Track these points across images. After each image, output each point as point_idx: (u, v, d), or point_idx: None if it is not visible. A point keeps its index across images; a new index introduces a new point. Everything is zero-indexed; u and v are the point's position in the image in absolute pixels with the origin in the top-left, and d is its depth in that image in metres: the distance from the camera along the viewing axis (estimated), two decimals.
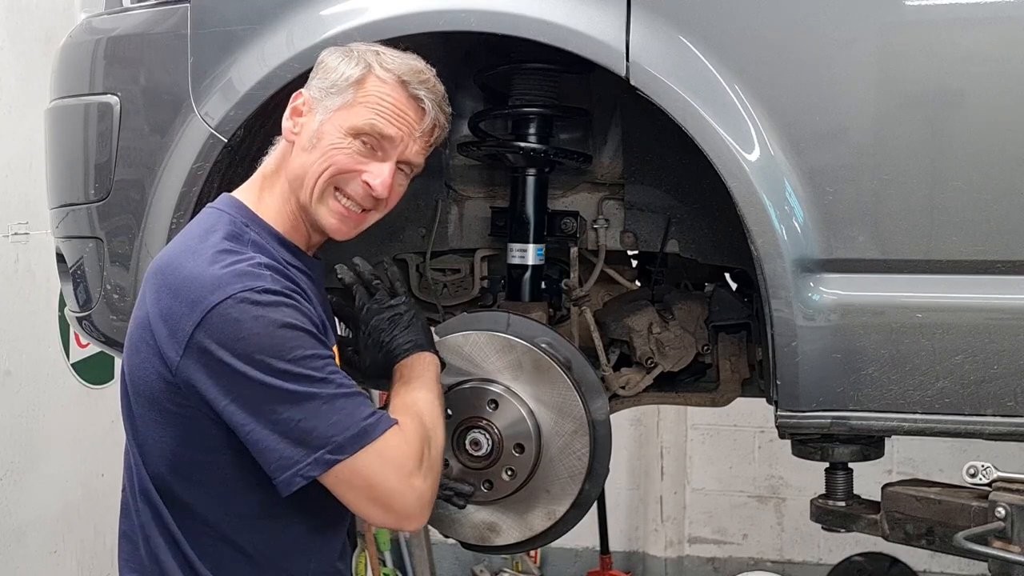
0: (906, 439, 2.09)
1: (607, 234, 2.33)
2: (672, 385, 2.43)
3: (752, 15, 1.83)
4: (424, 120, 1.74)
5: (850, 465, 2.14)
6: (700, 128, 1.82)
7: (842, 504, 2.13)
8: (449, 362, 2.02)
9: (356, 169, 1.71)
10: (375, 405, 1.64)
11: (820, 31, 1.82)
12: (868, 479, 2.35)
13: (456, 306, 2.44)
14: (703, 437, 4.95)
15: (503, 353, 2.02)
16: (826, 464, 2.15)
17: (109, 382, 4.01)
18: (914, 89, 1.80)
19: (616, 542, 4.83)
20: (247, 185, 1.81)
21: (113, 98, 2.10)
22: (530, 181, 2.25)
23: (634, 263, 2.54)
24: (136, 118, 2.08)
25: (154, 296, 1.63)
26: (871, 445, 2.10)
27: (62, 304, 3.00)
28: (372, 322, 1.86)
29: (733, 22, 1.84)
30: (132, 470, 1.71)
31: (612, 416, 2.12)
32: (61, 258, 2.32)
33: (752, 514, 4.94)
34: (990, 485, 1.88)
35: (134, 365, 1.67)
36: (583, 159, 2.29)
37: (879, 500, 2.05)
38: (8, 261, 3.53)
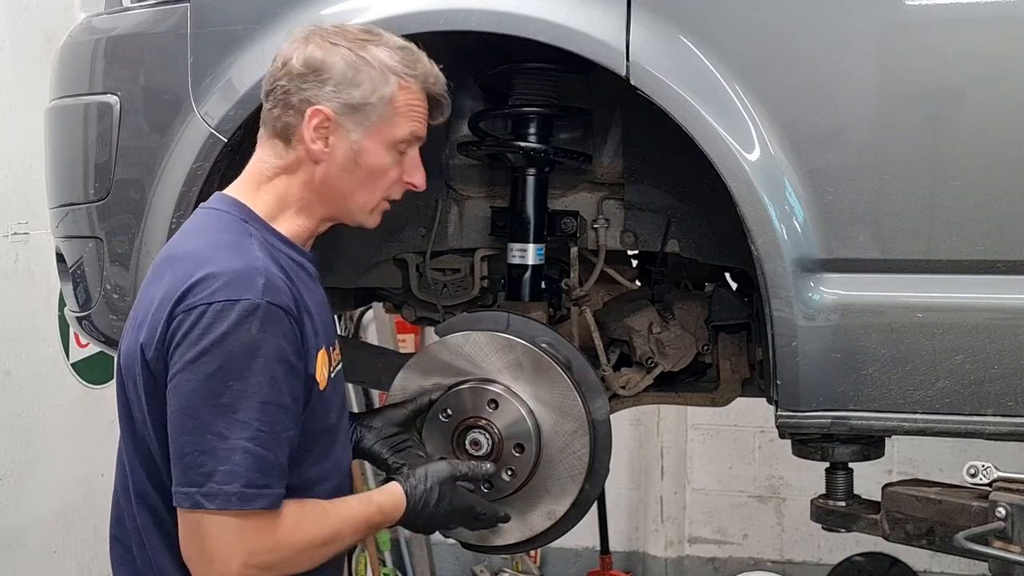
0: (906, 439, 2.09)
1: (607, 234, 2.33)
2: (672, 385, 2.43)
3: (752, 15, 1.83)
4: (441, 111, 1.81)
5: (850, 465, 2.14)
6: (700, 128, 1.82)
7: (842, 504, 2.13)
8: (449, 362, 2.03)
9: (399, 178, 1.78)
10: (276, 482, 1.58)
11: (820, 31, 1.82)
12: (868, 479, 2.35)
13: (456, 306, 2.44)
14: (703, 437, 4.95)
15: (503, 353, 2.02)
16: (826, 464, 2.15)
17: (109, 382, 4.00)
18: (914, 89, 1.80)
19: (616, 542, 4.83)
20: (240, 184, 1.78)
21: (113, 98, 2.10)
22: (530, 181, 2.25)
23: (634, 263, 2.54)
24: (136, 118, 2.08)
25: (145, 291, 1.65)
26: (871, 445, 2.10)
27: (62, 304, 3.00)
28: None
29: (733, 22, 1.84)
30: (127, 473, 1.70)
31: (612, 416, 2.12)
32: (61, 258, 2.32)
33: (752, 514, 4.94)
34: (990, 485, 1.88)
35: (126, 364, 1.67)
36: (583, 159, 2.29)
37: (879, 500, 2.05)
38: (8, 261, 3.53)
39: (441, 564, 5.12)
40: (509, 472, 2.01)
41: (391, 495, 1.81)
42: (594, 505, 2.27)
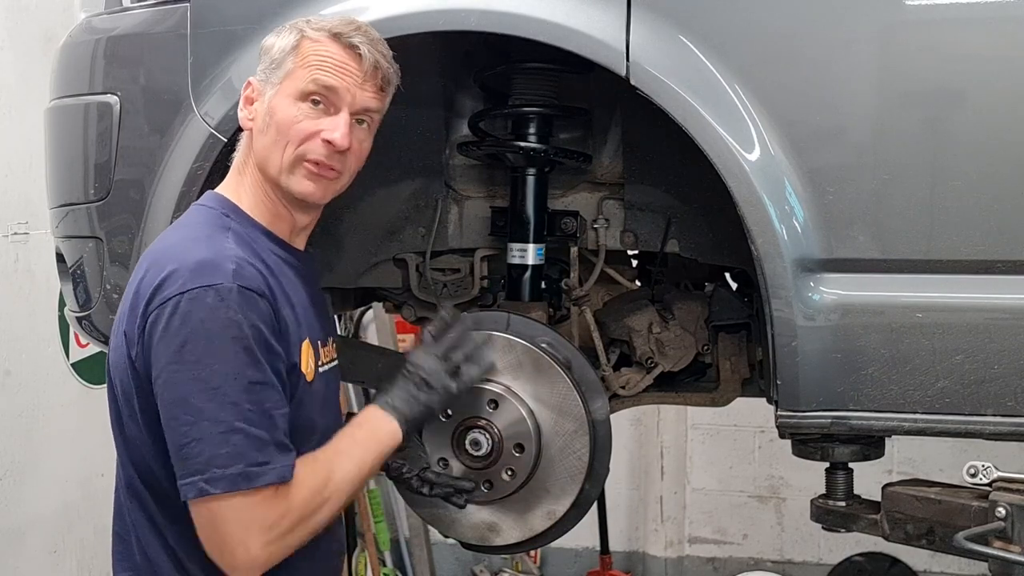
0: (906, 439, 2.09)
1: (607, 234, 2.33)
2: (672, 385, 2.43)
3: (752, 15, 1.83)
4: (364, 64, 1.73)
5: (850, 465, 2.14)
6: (700, 128, 1.82)
7: (842, 504, 2.13)
8: None
9: (314, 131, 1.71)
10: (276, 456, 1.58)
11: (820, 31, 1.82)
12: (868, 479, 2.35)
13: (456, 306, 2.43)
14: (703, 437, 4.95)
15: (503, 353, 2.02)
16: (826, 464, 2.15)
17: None
18: (914, 89, 1.80)
19: (616, 542, 4.83)
20: (226, 181, 1.82)
21: (113, 98, 2.10)
22: (530, 181, 2.25)
23: (634, 263, 2.54)
24: (136, 118, 2.08)
25: (128, 287, 1.67)
26: (871, 445, 2.10)
27: (62, 304, 3.00)
28: (413, 360, 1.85)
29: (733, 22, 1.84)
30: (120, 468, 1.72)
31: (612, 416, 2.12)
32: (61, 258, 2.32)
33: (752, 514, 4.94)
34: (990, 485, 1.88)
35: (113, 361, 1.69)
36: (583, 159, 2.29)
37: (879, 500, 2.04)
38: (8, 261, 3.53)
39: (441, 564, 5.13)
40: (509, 472, 2.01)
41: (365, 415, 1.80)
42: (594, 505, 2.27)
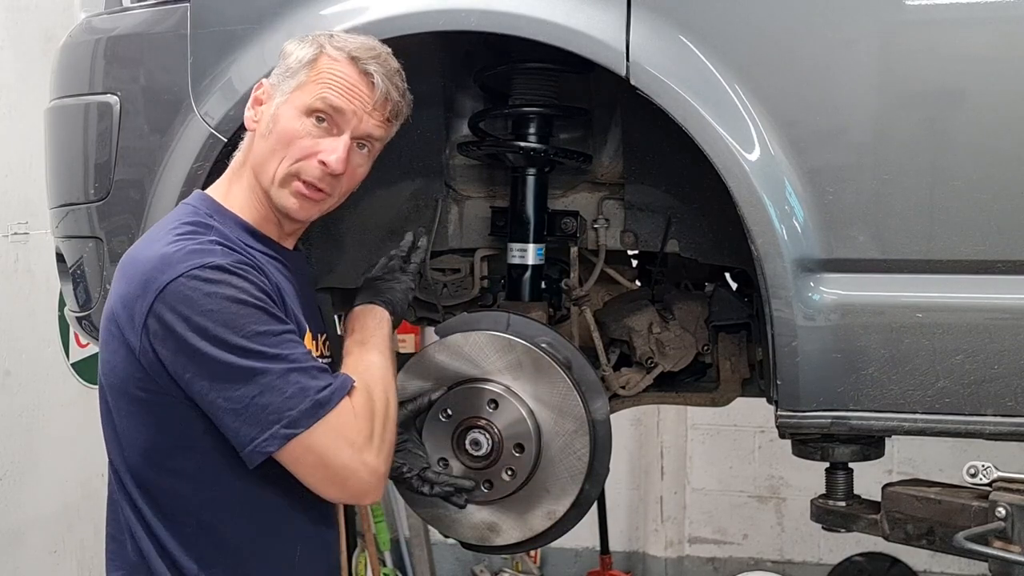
0: (906, 439, 2.09)
1: (607, 234, 2.33)
2: (672, 385, 2.43)
3: (752, 15, 1.83)
4: (375, 92, 1.74)
5: (850, 465, 2.14)
6: (700, 128, 1.82)
7: (842, 504, 2.13)
8: (449, 362, 2.03)
9: (313, 151, 1.72)
10: (331, 377, 1.65)
11: (820, 31, 1.82)
12: (868, 479, 2.35)
13: (456, 306, 2.44)
14: (703, 437, 4.95)
15: (503, 353, 2.02)
16: (826, 464, 2.15)
17: None
18: (914, 89, 1.80)
19: (616, 542, 4.83)
20: (218, 180, 1.83)
21: (113, 98, 2.10)
22: (530, 181, 2.25)
23: (634, 263, 2.54)
24: (136, 118, 2.08)
25: (114, 286, 1.68)
26: (871, 445, 2.10)
27: (62, 304, 3.00)
28: (378, 264, 2.04)
29: (733, 22, 1.84)
30: (112, 469, 1.73)
31: (612, 416, 2.12)
32: (61, 258, 2.32)
33: (752, 514, 4.94)
34: (990, 485, 1.88)
35: (104, 360, 1.70)
36: (583, 159, 2.29)
37: (879, 500, 2.04)
38: (8, 261, 3.54)
39: (441, 564, 5.13)
40: (509, 472, 2.01)
41: (349, 321, 1.90)
42: (594, 505, 2.27)
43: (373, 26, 1.88)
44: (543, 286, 2.33)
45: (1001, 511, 1.80)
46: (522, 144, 2.21)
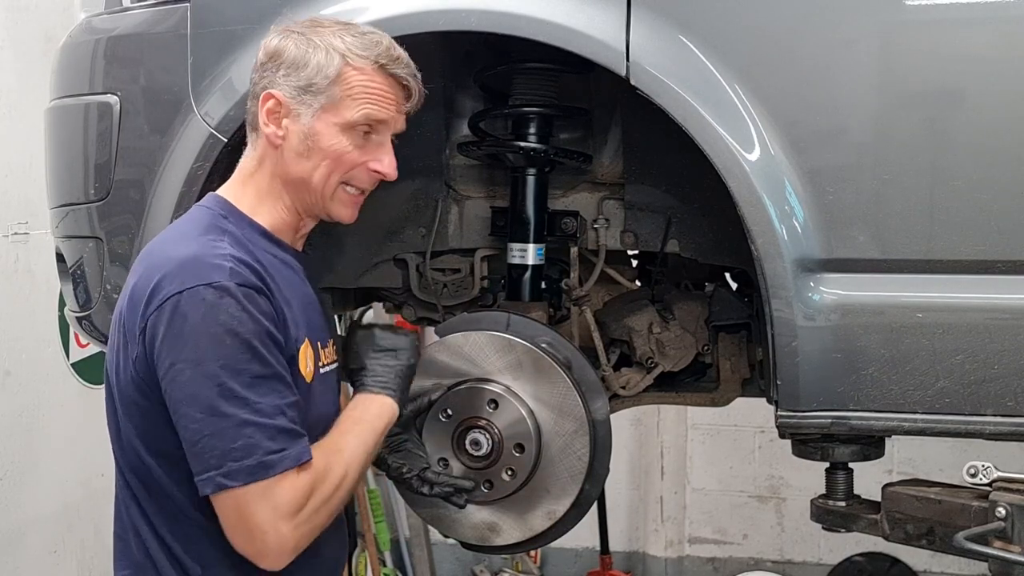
0: (906, 439, 2.09)
1: (607, 234, 2.33)
2: (672, 385, 2.43)
3: (752, 15, 1.83)
4: (411, 96, 1.77)
5: (850, 465, 2.14)
6: (700, 128, 1.82)
7: (842, 504, 2.13)
8: (449, 362, 2.03)
9: (361, 161, 1.75)
10: (290, 443, 1.59)
11: (820, 31, 1.82)
12: (868, 479, 2.35)
13: (456, 306, 2.44)
14: (703, 437, 4.95)
15: (503, 353, 2.02)
16: (826, 464, 2.15)
17: None
18: (914, 89, 1.80)
19: (616, 542, 4.83)
20: (229, 183, 1.82)
21: (113, 98, 2.10)
22: (530, 181, 2.25)
23: (634, 263, 2.54)
24: (136, 118, 2.08)
25: (126, 287, 1.68)
26: (871, 445, 2.10)
27: (62, 304, 3.00)
28: (365, 337, 1.93)
29: (733, 22, 1.84)
30: (118, 468, 1.73)
31: (612, 416, 2.12)
32: (61, 258, 2.32)
33: (752, 514, 4.94)
34: (990, 485, 1.88)
35: (111, 359, 1.70)
36: (583, 159, 2.29)
37: (879, 500, 2.05)
38: (8, 261, 3.53)
39: (441, 564, 5.12)
40: (509, 472, 2.01)
41: (354, 401, 1.84)
42: (594, 505, 2.27)
43: (373, 26, 1.88)
44: (543, 286, 2.33)
45: (1001, 511, 1.80)
46: (522, 144, 2.21)
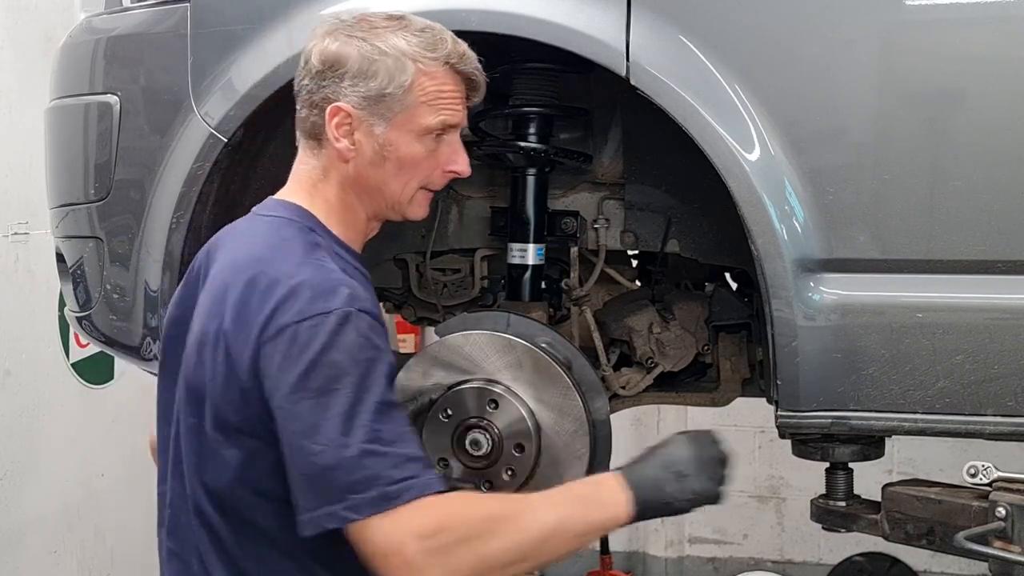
0: (906, 439, 2.09)
1: (607, 234, 2.33)
2: (672, 385, 2.43)
3: (753, 15, 1.83)
4: (478, 88, 1.73)
5: (850, 465, 2.14)
6: (700, 128, 1.82)
7: (842, 504, 2.13)
8: (449, 362, 2.03)
9: (437, 165, 1.71)
10: (419, 471, 1.49)
11: (821, 31, 1.82)
12: (868, 479, 2.35)
13: (456, 306, 2.44)
14: None
15: (503, 353, 2.02)
16: (826, 464, 2.15)
17: (109, 382, 4.00)
18: (914, 89, 1.80)
19: (616, 542, 4.83)
20: (291, 191, 1.73)
21: (113, 98, 2.10)
22: (530, 181, 2.25)
23: (634, 263, 2.54)
24: (136, 118, 2.08)
25: (215, 292, 1.59)
26: (871, 445, 2.10)
27: (62, 304, 3.00)
28: (700, 438, 1.82)
29: (734, 22, 1.84)
30: (186, 487, 1.64)
31: (612, 416, 2.12)
32: (61, 258, 2.32)
33: (752, 514, 4.94)
34: (990, 485, 1.88)
35: (198, 375, 1.60)
36: (583, 159, 2.29)
37: (879, 500, 2.05)
38: (8, 261, 3.53)
39: None
40: (509, 472, 2.01)
41: (599, 477, 1.70)
42: None
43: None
44: (543, 286, 2.33)
45: (1001, 511, 1.80)
46: (522, 144, 2.21)
